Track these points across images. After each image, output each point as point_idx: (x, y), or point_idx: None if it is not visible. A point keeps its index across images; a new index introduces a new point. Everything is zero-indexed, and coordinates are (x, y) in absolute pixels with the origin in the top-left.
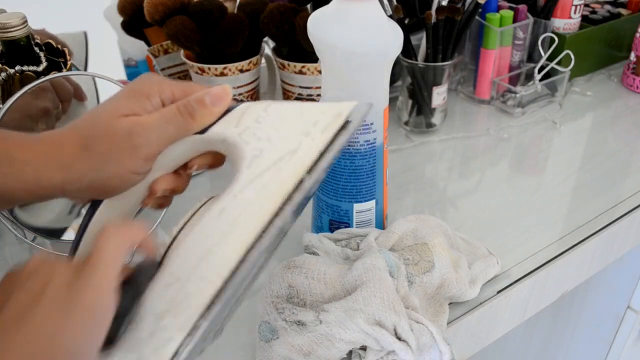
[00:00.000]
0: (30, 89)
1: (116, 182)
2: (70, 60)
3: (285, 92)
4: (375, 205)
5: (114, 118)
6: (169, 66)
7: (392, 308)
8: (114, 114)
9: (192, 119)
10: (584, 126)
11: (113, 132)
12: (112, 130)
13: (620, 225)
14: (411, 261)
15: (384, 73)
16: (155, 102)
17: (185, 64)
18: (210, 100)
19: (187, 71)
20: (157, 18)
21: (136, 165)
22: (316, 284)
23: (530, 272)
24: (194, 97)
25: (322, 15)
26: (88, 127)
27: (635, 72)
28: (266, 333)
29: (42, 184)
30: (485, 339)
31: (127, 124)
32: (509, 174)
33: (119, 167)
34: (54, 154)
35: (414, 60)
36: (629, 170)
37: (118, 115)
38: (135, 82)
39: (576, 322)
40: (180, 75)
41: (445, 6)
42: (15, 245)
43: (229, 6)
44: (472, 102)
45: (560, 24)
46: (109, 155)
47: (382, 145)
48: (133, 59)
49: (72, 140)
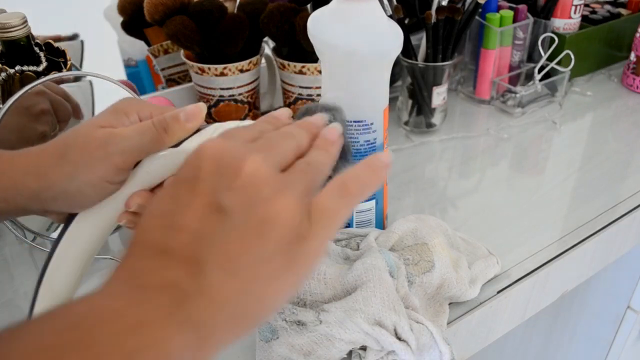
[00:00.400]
0: (30, 89)
1: (89, 191)
2: (70, 60)
3: (285, 92)
4: (375, 205)
5: (91, 129)
6: (169, 66)
7: (392, 308)
8: (92, 125)
9: (165, 133)
10: (584, 126)
11: (89, 141)
12: (88, 140)
13: (620, 225)
14: (411, 261)
15: (384, 73)
16: (133, 118)
17: (185, 64)
18: (184, 117)
19: (187, 71)
20: (157, 18)
21: (109, 173)
22: (316, 284)
23: (530, 272)
24: (169, 114)
25: (322, 15)
26: (66, 138)
27: (635, 72)
28: (266, 333)
29: (20, 193)
30: (485, 339)
31: (103, 134)
32: (509, 174)
33: (92, 175)
34: (32, 164)
35: (414, 60)
36: (629, 170)
37: (95, 127)
38: (117, 102)
39: (576, 322)
40: (180, 75)
41: (445, 6)
42: (16, 245)
43: (229, 6)
44: (472, 102)
45: (560, 24)
46: (84, 163)
47: (382, 145)
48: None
49: (50, 150)
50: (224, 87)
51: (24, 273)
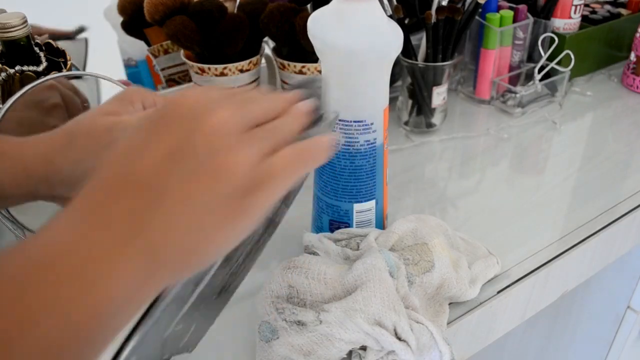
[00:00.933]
0: (30, 89)
1: None
2: (70, 60)
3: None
4: (375, 205)
5: (97, 116)
6: (169, 66)
7: (392, 308)
8: (98, 113)
9: None
10: (584, 126)
11: (94, 127)
12: (93, 127)
13: (620, 225)
14: (411, 261)
15: (384, 73)
16: (137, 107)
17: (185, 64)
18: None
19: (187, 71)
20: (157, 18)
21: None
22: (316, 284)
23: (530, 272)
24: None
25: (322, 15)
26: (73, 125)
27: (635, 72)
28: (266, 333)
29: (30, 176)
30: (485, 339)
31: (108, 121)
32: (509, 174)
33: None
34: (41, 150)
35: (414, 60)
36: (629, 170)
37: (101, 114)
38: (121, 91)
39: (576, 322)
40: (180, 75)
41: (445, 6)
42: None
43: (229, 6)
44: (472, 102)
45: (560, 24)
46: (88, 148)
47: (382, 145)
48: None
49: (58, 137)
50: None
51: None
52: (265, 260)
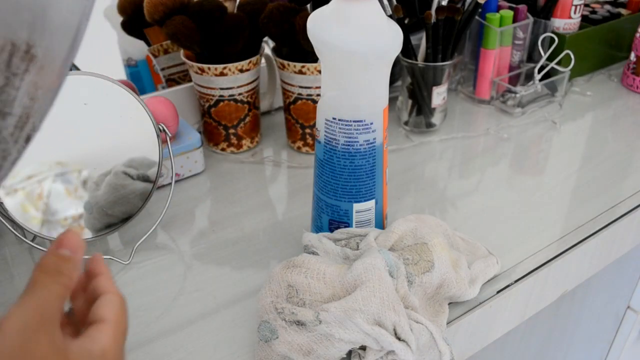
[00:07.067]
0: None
1: None
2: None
3: (285, 92)
4: (375, 205)
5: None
6: (168, 66)
7: (392, 308)
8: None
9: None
10: (584, 126)
11: None
12: None
13: (620, 225)
14: (411, 261)
15: (384, 73)
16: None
17: (185, 63)
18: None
19: (187, 71)
20: (157, 18)
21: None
22: (316, 283)
23: (530, 272)
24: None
25: (322, 15)
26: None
27: (635, 72)
28: (266, 333)
29: None
30: (485, 339)
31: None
32: (509, 174)
33: None
34: None
35: (414, 60)
36: (629, 170)
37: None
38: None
39: (576, 322)
40: (180, 75)
41: (445, 6)
42: (15, 245)
43: (229, 6)
44: (472, 102)
45: (560, 24)
46: None
47: (381, 145)
48: (133, 59)
49: None
50: (224, 87)
51: (23, 273)
52: (265, 260)
